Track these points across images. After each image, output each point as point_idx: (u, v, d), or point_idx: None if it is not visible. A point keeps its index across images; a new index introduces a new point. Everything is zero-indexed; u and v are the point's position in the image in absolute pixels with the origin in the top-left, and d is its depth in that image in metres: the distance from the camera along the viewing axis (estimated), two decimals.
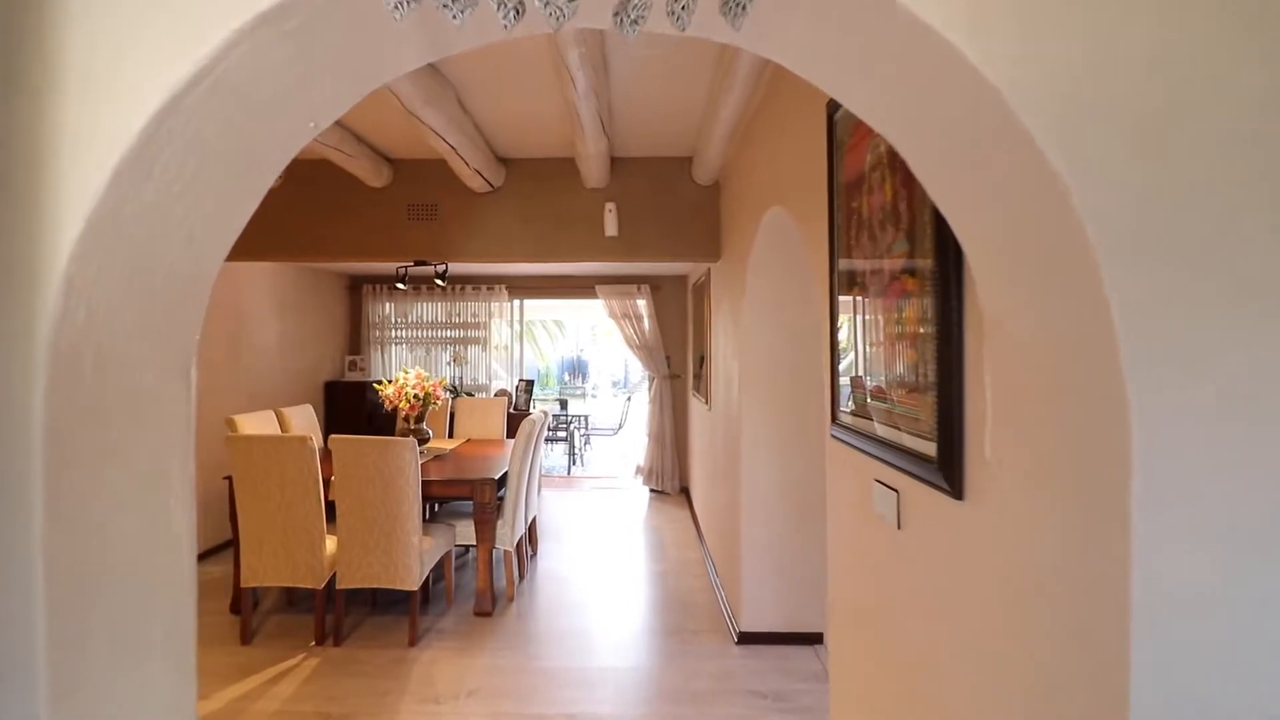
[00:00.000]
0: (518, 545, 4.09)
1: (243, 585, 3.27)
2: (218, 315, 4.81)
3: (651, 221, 4.07)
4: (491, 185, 3.95)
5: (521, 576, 4.22)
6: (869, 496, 1.50)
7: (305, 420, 4.64)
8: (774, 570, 3.21)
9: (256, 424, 4.05)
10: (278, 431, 4.24)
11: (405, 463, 3.19)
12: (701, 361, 5.38)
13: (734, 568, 3.42)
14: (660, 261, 4.22)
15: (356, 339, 7.01)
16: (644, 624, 3.55)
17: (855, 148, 1.56)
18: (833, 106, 1.73)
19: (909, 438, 1.27)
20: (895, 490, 1.35)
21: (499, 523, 3.81)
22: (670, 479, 6.59)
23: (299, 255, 4.10)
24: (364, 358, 6.85)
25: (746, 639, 3.23)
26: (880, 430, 1.41)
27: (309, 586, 3.25)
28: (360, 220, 4.06)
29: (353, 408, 6.36)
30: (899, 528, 1.35)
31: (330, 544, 3.32)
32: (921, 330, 1.20)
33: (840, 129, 1.68)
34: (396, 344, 7.04)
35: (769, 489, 3.19)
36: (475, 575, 3.73)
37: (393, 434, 4.23)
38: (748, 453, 3.22)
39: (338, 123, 3.30)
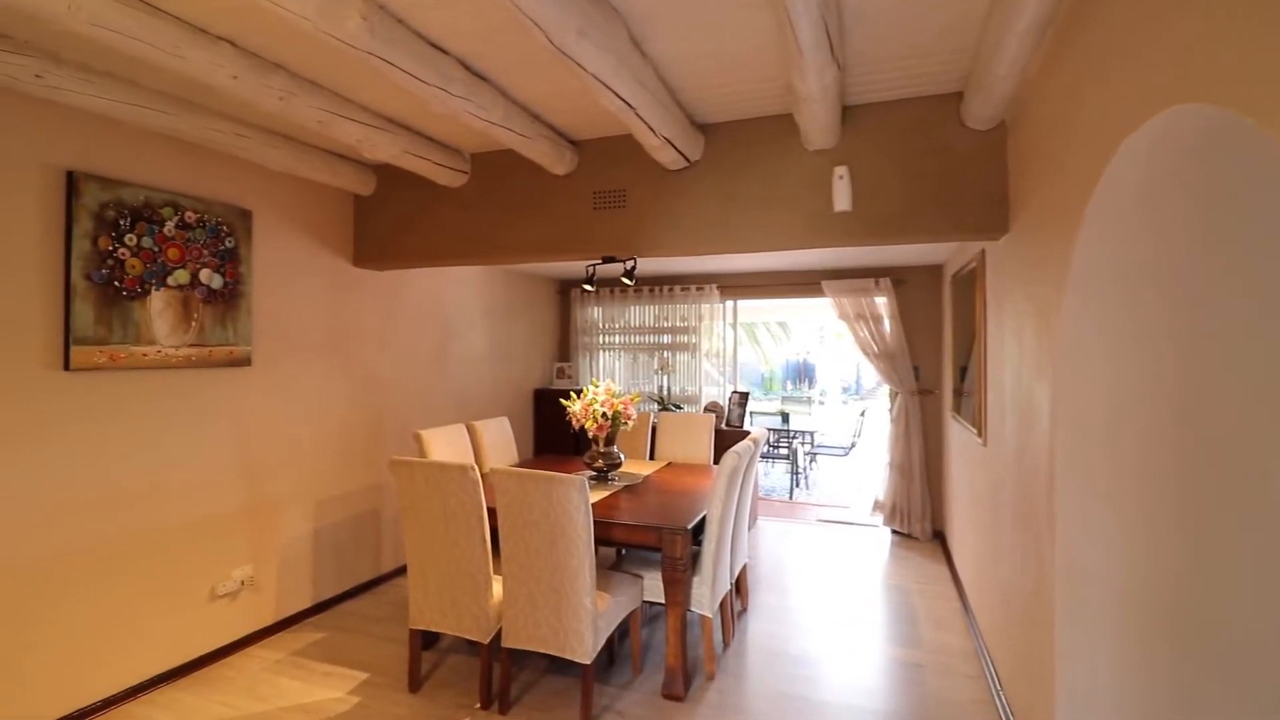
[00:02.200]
0: (721, 603, 3.28)
1: (410, 626, 2.92)
2: (424, 323, 4.75)
3: (898, 188, 2.96)
4: (687, 159, 3.19)
5: (726, 644, 3.40)
6: None
7: (500, 434, 4.35)
8: (1120, 714, 1.95)
9: (446, 439, 3.80)
10: (468, 448, 3.97)
11: (573, 506, 2.56)
12: (964, 375, 4.06)
13: (1037, 690, 2.22)
14: (910, 243, 3.07)
15: (566, 345, 6.81)
16: None
17: None
18: None
19: None
20: None
21: (694, 580, 3.04)
22: (919, 521, 5.25)
23: (483, 256, 3.75)
24: (572, 365, 6.60)
25: None
26: None
27: (473, 639, 2.80)
28: (545, 214, 3.59)
29: (560, 416, 6.09)
30: None
31: (499, 589, 2.84)
32: None
33: None
34: (606, 350, 6.69)
35: (1121, 595, 1.93)
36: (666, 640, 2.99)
37: (591, 451, 3.72)
38: (1069, 529, 2.01)
39: (505, 96, 2.80)
